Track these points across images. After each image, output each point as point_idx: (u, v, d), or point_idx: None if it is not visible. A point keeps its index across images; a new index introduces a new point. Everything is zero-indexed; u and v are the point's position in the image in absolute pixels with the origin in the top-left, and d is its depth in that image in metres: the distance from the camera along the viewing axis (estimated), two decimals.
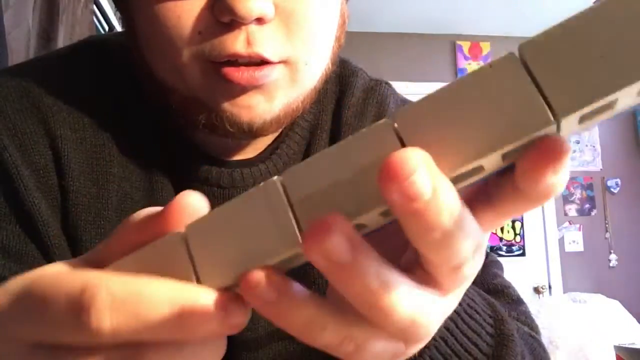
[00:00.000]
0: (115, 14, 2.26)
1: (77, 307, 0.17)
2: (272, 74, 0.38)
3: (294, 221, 0.17)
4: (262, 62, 0.37)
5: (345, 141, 0.17)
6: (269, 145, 0.48)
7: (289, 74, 0.39)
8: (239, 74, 0.36)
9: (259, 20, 0.36)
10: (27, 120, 0.42)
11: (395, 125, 0.17)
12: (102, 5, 2.05)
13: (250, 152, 0.47)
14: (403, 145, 0.17)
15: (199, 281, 0.18)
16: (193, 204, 0.20)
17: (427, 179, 0.16)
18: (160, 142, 0.46)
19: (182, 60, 0.37)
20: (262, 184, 0.18)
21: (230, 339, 0.51)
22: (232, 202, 0.18)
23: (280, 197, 0.17)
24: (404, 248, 0.21)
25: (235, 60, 0.36)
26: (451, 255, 0.18)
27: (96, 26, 2.02)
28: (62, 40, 1.48)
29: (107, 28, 2.17)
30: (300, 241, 0.17)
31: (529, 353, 0.41)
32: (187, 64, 0.37)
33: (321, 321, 0.17)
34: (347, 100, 0.51)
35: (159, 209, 0.20)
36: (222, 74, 0.37)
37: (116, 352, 0.17)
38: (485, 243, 0.20)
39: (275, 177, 0.18)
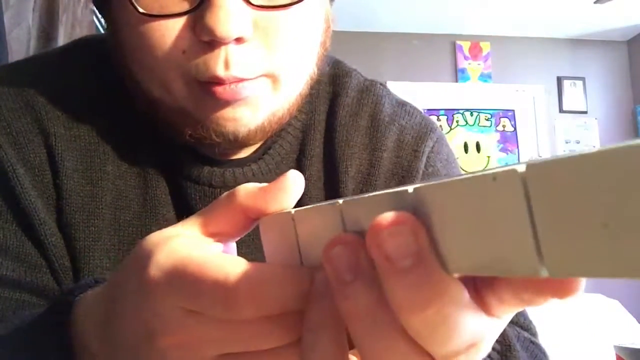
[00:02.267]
0: None
1: (223, 294, 0.21)
2: (253, 87, 0.38)
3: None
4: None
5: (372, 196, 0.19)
6: (262, 145, 0.48)
7: (271, 86, 0.40)
8: (223, 90, 0.37)
9: (238, 40, 0.36)
10: (22, 119, 0.43)
11: (412, 196, 0.17)
12: None
13: (242, 152, 0.47)
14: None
15: (300, 257, 0.23)
16: (295, 186, 0.24)
17: (412, 245, 0.16)
18: (154, 141, 0.46)
19: (168, 77, 0.38)
20: (331, 204, 0.21)
21: None
22: (317, 207, 0.22)
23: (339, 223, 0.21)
24: None
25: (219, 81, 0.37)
26: (434, 343, 0.17)
27: (96, 26, 2.01)
28: (62, 40, 1.48)
29: None
30: None
31: None
32: (173, 80, 0.38)
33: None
34: (342, 100, 0.51)
35: (259, 186, 0.24)
36: (207, 91, 0.38)
37: (254, 324, 0.22)
38: (488, 336, 0.18)
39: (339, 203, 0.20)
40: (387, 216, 0.16)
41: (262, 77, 0.39)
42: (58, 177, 0.43)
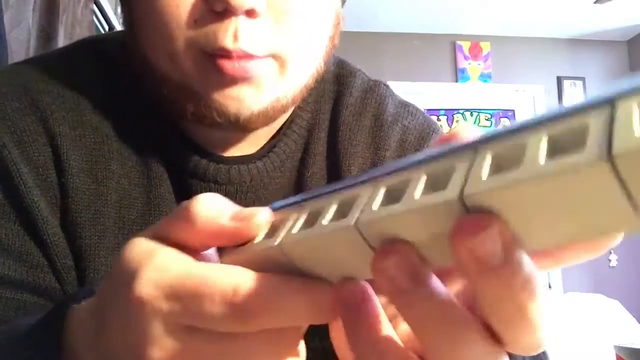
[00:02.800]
0: (115, 14, 2.25)
1: (233, 305, 0.20)
2: (260, 66, 0.39)
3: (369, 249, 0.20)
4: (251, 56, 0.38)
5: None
6: (267, 143, 0.48)
7: (277, 68, 0.40)
8: (231, 66, 0.38)
9: (250, 13, 0.37)
10: (26, 119, 0.43)
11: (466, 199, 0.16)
12: (102, 5, 2.05)
13: (247, 149, 0.47)
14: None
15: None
16: (265, 221, 0.23)
17: (499, 241, 0.16)
18: (158, 139, 0.46)
19: (177, 48, 0.38)
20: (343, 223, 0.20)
21: None
22: (324, 232, 0.20)
23: (361, 241, 0.19)
24: None
25: (227, 54, 0.38)
26: (525, 329, 0.17)
27: (96, 26, 2.01)
28: (62, 40, 1.48)
29: (107, 28, 2.17)
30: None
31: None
32: (181, 51, 0.38)
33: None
34: (345, 100, 0.51)
35: (235, 212, 0.23)
36: (215, 65, 0.38)
37: (256, 338, 0.21)
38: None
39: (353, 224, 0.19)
40: (471, 220, 0.16)
41: (269, 58, 0.39)
42: (64, 176, 0.43)
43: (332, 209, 0.20)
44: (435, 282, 0.18)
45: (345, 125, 0.50)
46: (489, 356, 0.18)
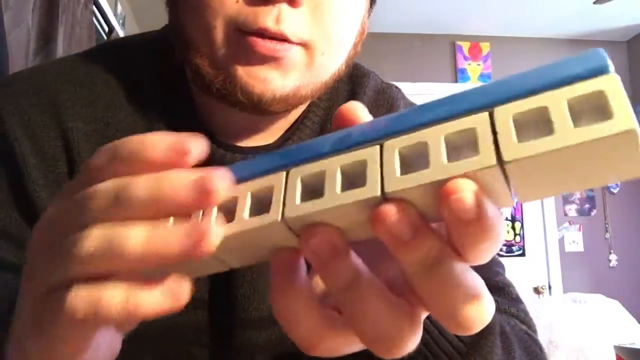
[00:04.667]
0: (114, 15, 2.26)
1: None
2: (291, 51, 0.40)
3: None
4: (285, 41, 0.39)
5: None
6: (282, 135, 0.49)
7: (305, 58, 0.41)
8: (263, 42, 0.39)
9: (292, 3, 0.38)
10: (42, 114, 0.45)
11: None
12: (101, 6, 2.05)
13: (262, 139, 0.48)
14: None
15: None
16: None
17: (408, 223, 0.19)
18: (173, 130, 0.47)
19: (213, 24, 0.40)
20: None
21: (234, 316, 0.51)
22: (251, 228, 0.21)
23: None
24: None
25: (262, 34, 0.39)
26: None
27: (96, 27, 2.01)
28: (62, 41, 1.48)
29: (106, 29, 2.17)
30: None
31: (522, 350, 0.41)
32: (216, 27, 0.40)
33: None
34: (359, 99, 0.53)
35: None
36: (247, 41, 0.39)
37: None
38: None
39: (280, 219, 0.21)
40: (388, 210, 0.19)
41: (299, 47, 0.41)
42: (76, 167, 0.45)
43: (247, 202, 0.22)
44: (350, 253, 0.21)
45: None
46: (397, 320, 0.21)
